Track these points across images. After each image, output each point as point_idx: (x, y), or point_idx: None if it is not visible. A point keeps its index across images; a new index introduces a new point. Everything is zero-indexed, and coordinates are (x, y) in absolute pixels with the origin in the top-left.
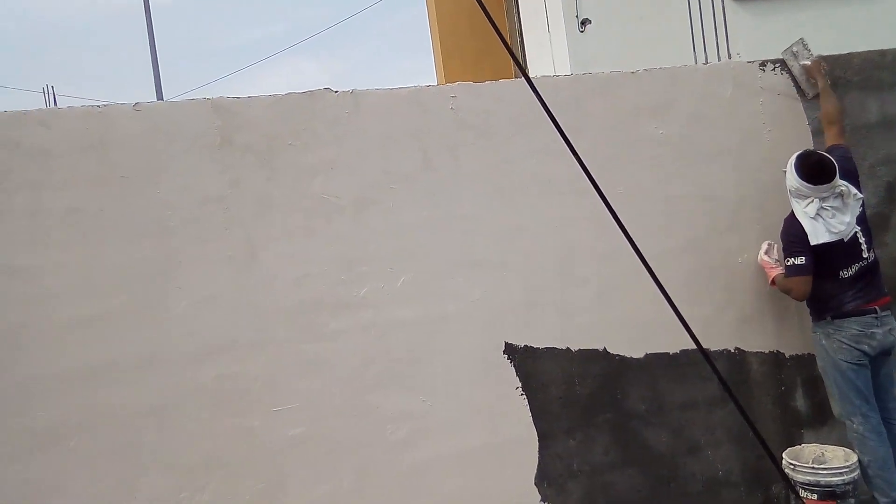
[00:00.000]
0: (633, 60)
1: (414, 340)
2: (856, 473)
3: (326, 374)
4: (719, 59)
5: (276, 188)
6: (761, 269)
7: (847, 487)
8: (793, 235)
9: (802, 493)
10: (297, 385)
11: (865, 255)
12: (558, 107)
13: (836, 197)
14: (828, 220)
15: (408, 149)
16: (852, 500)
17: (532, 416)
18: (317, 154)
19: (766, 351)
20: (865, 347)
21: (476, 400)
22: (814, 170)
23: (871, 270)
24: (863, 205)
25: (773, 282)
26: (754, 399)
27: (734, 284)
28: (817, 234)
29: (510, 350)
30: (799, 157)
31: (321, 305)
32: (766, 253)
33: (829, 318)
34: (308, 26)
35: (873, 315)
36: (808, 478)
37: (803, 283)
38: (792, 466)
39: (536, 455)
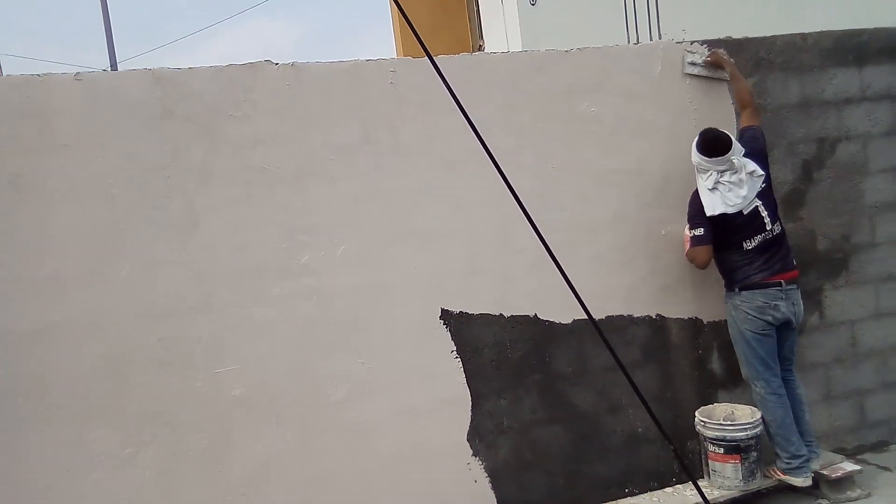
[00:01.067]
0: (585, 35)
1: (354, 306)
2: (759, 429)
3: (269, 338)
4: (659, 36)
5: (217, 158)
6: (682, 242)
7: (750, 442)
8: (694, 209)
9: (711, 448)
10: (240, 347)
11: (769, 227)
12: (494, 84)
13: (733, 172)
14: (724, 193)
15: (348, 121)
16: (755, 454)
17: (466, 377)
18: (257, 125)
19: (686, 317)
20: (769, 318)
21: (413, 362)
22: (708, 144)
23: (777, 243)
24: (766, 181)
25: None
26: (673, 362)
27: (658, 255)
28: (714, 206)
29: (446, 316)
30: (699, 134)
31: (263, 271)
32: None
33: (736, 290)
34: None
35: (778, 288)
36: (716, 433)
37: (703, 252)
38: (703, 423)
39: (469, 414)
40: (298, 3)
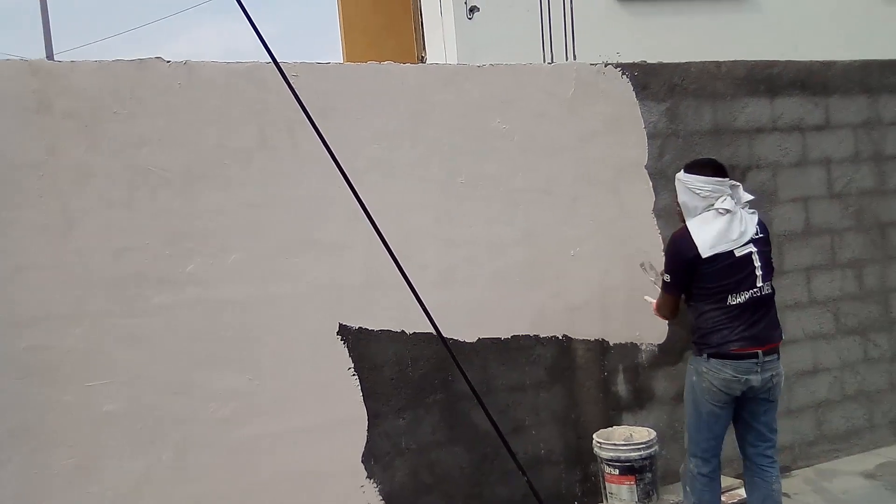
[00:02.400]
0: (522, 50)
1: (243, 319)
2: (653, 450)
3: (147, 350)
4: (574, 57)
5: (98, 157)
6: (590, 262)
7: (644, 462)
8: (672, 252)
9: (607, 469)
10: (115, 359)
11: (759, 283)
12: (404, 94)
13: (730, 199)
14: (720, 225)
15: (245, 125)
16: (650, 475)
17: (363, 395)
18: (144, 124)
19: (592, 339)
20: (735, 391)
21: (307, 379)
22: (710, 166)
23: (765, 305)
24: (764, 232)
25: (656, 308)
26: (578, 383)
27: (566, 275)
28: (708, 244)
29: (344, 331)
30: (692, 162)
31: (143, 279)
32: (648, 272)
33: (705, 356)
34: None
35: (753, 360)
36: (611, 454)
37: (669, 302)
38: (599, 444)
39: (365, 434)
40: (269, 2)
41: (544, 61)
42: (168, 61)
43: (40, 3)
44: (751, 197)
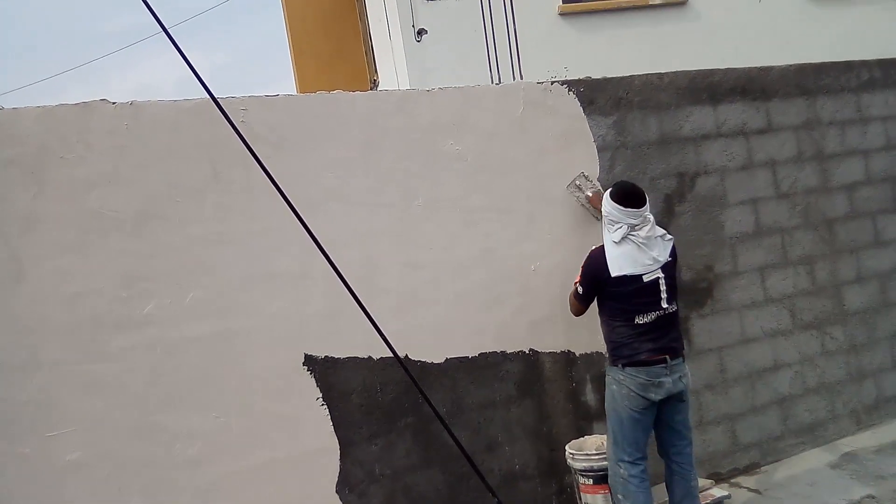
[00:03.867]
0: (470, 69)
1: (205, 357)
2: None
3: (108, 395)
4: (521, 76)
5: (46, 203)
6: (551, 276)
7: None
8: (589, 267)
9: (581, 480)
10: (75, 407)
11: (665, 305)
12: (355, 122)
13: (645, 227)
14: (633, 251)
15: (196, 162)
16: None
17: (333, 425)
18: (92, 167)
19: (558, 351)
20: (652, 395)
21: (274, 413)
22: (625, 194)
23: (670, 322)
24: (674, 256)
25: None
26: (547, 395)
27: (528, 290)
28: (619, 266)
29: (310, 361)
30: (614, 185)
31: (100, 324)
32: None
33: (620, 366)
34: (187, 15)
35: (662, 365)
36: (584, 464)
37: (577, 307)
38: (572, 455)
39: (338, 463)
40: (220, 29)
41: (492, 81)
42: (113, 102)
43: None
44: (664, 232)
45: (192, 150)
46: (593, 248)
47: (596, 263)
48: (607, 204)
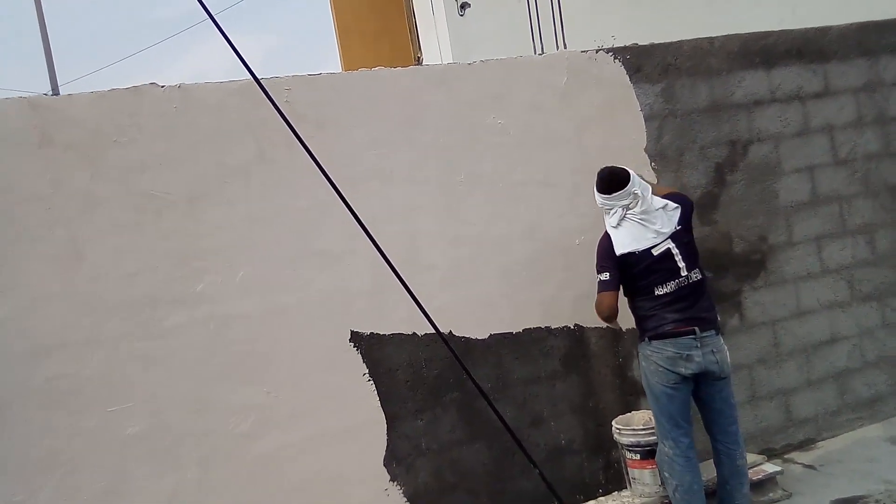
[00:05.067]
0: (514, 43)
1: (256, 333)
2: None
3: (164, 370)
4: (565, 46)
5: (102, 185)
6: (596, 250)
7: None
8: (600, 252)
9: (629, 455)
10: (133, 382)
11: (684, 273)
12: (397, 98)
13: (640, 206)
14: (633, 229)
15: (242, 142)
16: None
17: (380, 400)
18: (144, 150)
19: (604, 326)
20: (682, 370)
21: (322, 388)
22: (604, 181)
23: (695, 291)
24: (683, 223)
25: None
26: (594, 371)
27: (573, 265)
28: (623, 244)
29: (356, 338)
30: (597, 175)
31: (156, 302)
32: None
33: (647, 340)
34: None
35: (691, 336)
36: (631, 439)
37: (607, 298)
38: (618, 431)
39: (385, 437)
40: (270, 13)
41: (535, 52)
42: (162, 86)
43: (42, 37)
44: (665, 203)
45: (238, 131)
46: (601, 236)
47: (603, 247)
48: (596, 196)
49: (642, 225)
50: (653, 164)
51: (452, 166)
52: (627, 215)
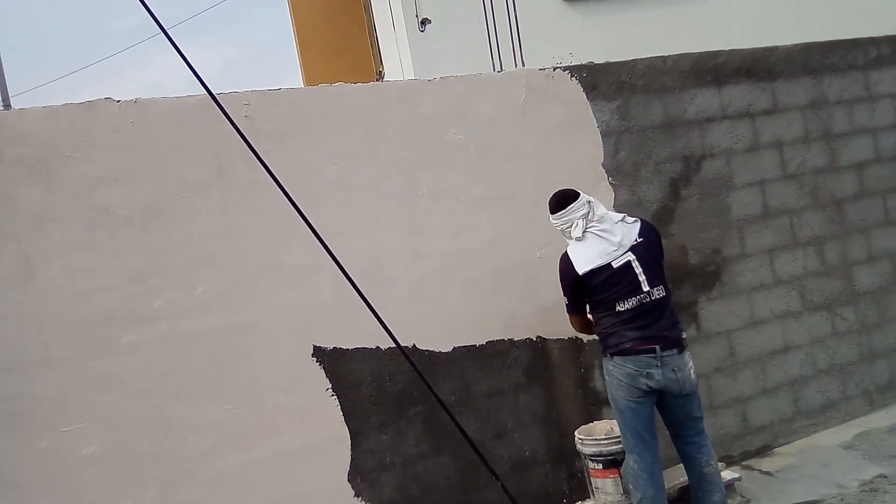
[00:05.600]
0: (475, 58)
1: (216, 350)
2: None
3: (121, 389)
4: (523, 64)
5: (55, 201)
6: (557, 263)
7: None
8: (560, 276)
9: (591, 465)
10: (89, 402)
11: (646, 288)
12: (357, 115)
13: (599, 219)
14: (596, 244)
15: (201, 157)
16: None
17: (343, 415)
18: (99, 165)
19: (566, 337)
20: (643, 385)
21: (285, 404)
22: (558, 200)
23: (658, 307)
24: (644, 237)
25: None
26: (556, 382)
27: (535, 277)
28: (586, 262)
29: (319, 353)
30: (548, 203)
31: (111, 320)
32: None
33: (609, 355)
34: (194, 12)
35: (651, 355)
36: (593, 449)
37: (575, 320)
38: (581, 440)
39: (349, 452)
40: (229, 26)
41: (494, 69)
42: (118, 101)
43: None
44: (623, 215)
45: (197, 146)
46: (560, 257)
47: (564, 270)
48: (552, 221)
49: (603, 239)
50: (610, 178)
51: (415, 180)
52: (589, 228)
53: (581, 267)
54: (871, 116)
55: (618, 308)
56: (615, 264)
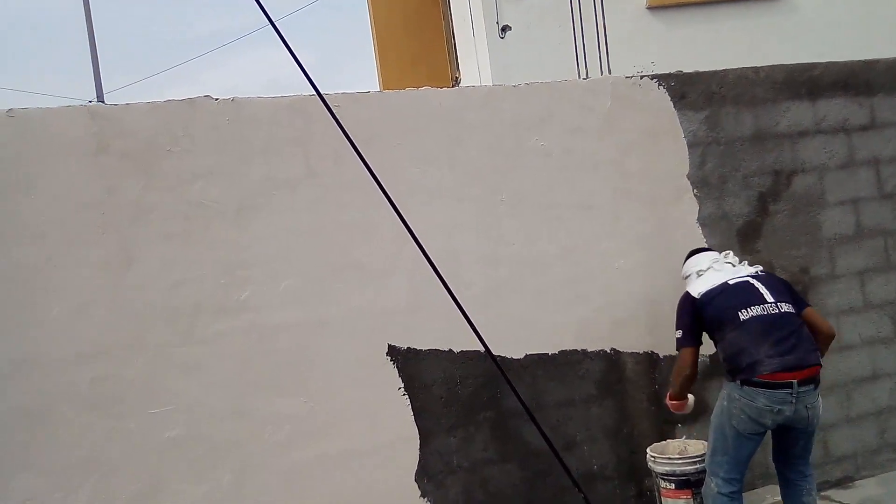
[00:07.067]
0: (554, 68)
1: (295, 343)
2: None
3: (204, 377)
4: (609, 71)
5: (154, 194)
6: (635, 275)
7: (700, 475)
8: (678, 309)
9: (662, 484)
10: (174, 388)
11: (770, 299)
12: (439, 119)
13: (727, 260)
14: (714, 275)
15: (291, 156)
16: None
17: (414, 415)
18: (196, 160)
19: (641, 351)
20: (767, 422)
21: (358, 401)
22: (691, 252)
23: (790, 322)
24: (773, 276)
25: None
26: (629, 396)
27: (611, 289)
28: (704, 285)
29: (393, 352)
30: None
31: (200, 309)
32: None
33: (738, 382)
34: (273, 17)
35: (788, 390)
36: (666, 468)
37: (685, 354)
38: (653, 459)
39: (417, 453)
40: (307, 30)
41: (579, 76)
42: (216, 99)
43: (90, 45)
44: (762, 270)
45: (287, 145)
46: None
47: (681, 302)
48: (686, 266)
49: (720, 272)
50: (695, 190)
51: (494, 186)
52: (713, 265)
53: (696, 291)
54: None
55: (741, 317)
56: (731, 282)
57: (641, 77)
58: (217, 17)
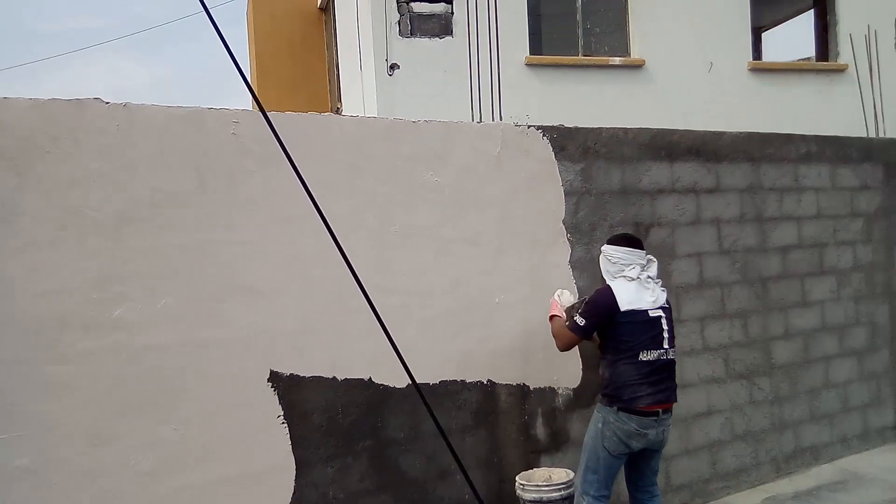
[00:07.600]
0: (436, 108)
1: (170, 366)
2: (571, 489)
3: (66, 399)
4: (500, 117)
5: (26, 196)
6: (513, 309)
7: (565, 502)
8: (596, 303)
9: None
10: (30, 410)
11: (666, 346)
12: (340, 146)
13: (652, 268)
14: (640, 289)
15: (182, 169)
16: None
17: (291, 444)
18: (78, 165)
19: (514, 383)
20: (634, 444)
21: (234, 429)
22: (627, 238)
23: (669, 368)
24: (669, 306)
25: (550, 318)
26: (500, 427)
27: (491, 322)
28: (630, 301)
29: (275, 378)
30: (615, 235)
31: (66, 324)
32: (558, 296)
33: (615, 409)
34: (133, 26)
35: (654, 418)
36: (533, 495)
37: (571, 341)
38: (521, 486)
39: (293, 483)
40: (161, 44)
41: (472, 119)
42: (107, 102)
43: None
44: (660, 279)
45: (179, 157)
46: (599, 287)
47: (605, 301)
48: (612, 251)
49: (647, 290)
50: (568, 234)
51: (387, 216)
52: (641, 276)
53: (624, 304)
54: (797, 206)
55: (641, 357)
56: (651, 314)
57: (529, 126)
58: (58, 17)
